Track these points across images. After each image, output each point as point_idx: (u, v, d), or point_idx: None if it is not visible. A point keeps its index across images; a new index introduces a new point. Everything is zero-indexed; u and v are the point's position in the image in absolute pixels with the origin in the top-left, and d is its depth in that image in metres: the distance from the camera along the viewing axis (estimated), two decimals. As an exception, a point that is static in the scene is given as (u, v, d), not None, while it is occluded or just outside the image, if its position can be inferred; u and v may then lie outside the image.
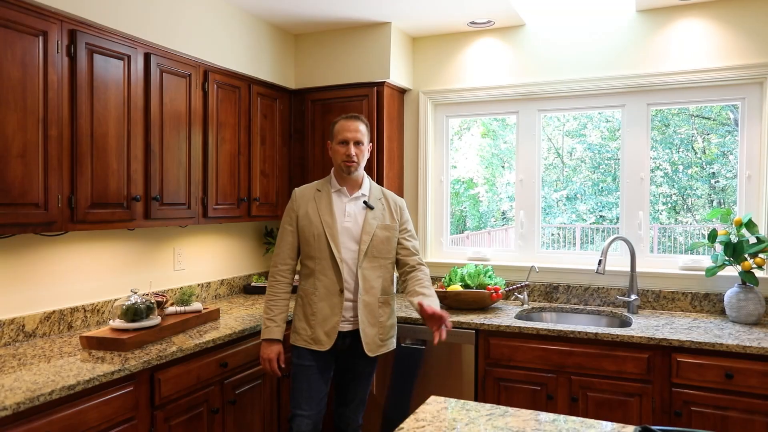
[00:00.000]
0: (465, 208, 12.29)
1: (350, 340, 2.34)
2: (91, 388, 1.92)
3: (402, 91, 3.63)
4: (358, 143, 2.33)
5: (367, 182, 2.42)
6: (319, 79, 3.53)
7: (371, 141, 3.38)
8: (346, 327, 2.32)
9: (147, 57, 2.54)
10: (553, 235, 10.37)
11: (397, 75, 3.45)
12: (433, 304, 2.21)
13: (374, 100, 3.38)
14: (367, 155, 2.39)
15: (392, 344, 2.43)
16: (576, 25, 3.27)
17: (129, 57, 2.45)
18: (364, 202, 2.35)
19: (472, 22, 3.35)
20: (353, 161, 2.32)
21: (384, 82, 3.38)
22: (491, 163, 12.08)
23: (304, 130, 3.55)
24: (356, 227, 2.32)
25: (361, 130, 2.34)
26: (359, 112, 3.40)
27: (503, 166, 11.89)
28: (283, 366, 2.36)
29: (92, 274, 2.69)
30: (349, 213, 2.34)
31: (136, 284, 2.91)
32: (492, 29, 3.45)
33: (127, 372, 2.04)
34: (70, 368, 2.00)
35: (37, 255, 2.46)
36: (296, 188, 2.43)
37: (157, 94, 2.59)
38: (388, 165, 3.46)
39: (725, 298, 2.79)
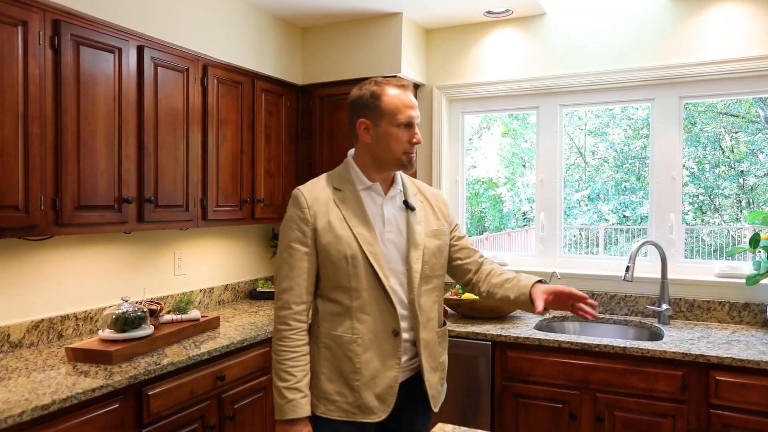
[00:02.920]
0: (485, 208, 12.04)
1: (401, 395, 1.66)
2: (69, 407, 1.76)
3: (415, 86, 3.44)
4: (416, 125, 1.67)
5: (399, 173, 1.75)
6: (328, 74, 3.35)
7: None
8: (402, 377, 1.66)
9: (140, 50, 2.39)
10: (574, 236, 10.07)
11: (409, 69, 3.26)
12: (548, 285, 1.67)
13: (385, 96, 3.19)
14: None
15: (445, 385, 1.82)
16: (601, 13, 3.04)
17: (120, 50, 2.30)
18: (405, 203, 1.69)
19: (489, 12, 3.14)
20: (415, 152, 1.67)
21: (395, 76, 3.17)
22: (512, 163, 11.82)
23: (312, 127, 3.38)
24: (401, 239, 1.65)
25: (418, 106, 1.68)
26: (369, 109, 3.21)
27: (524, 166, 11.63)
28: None
29: (85, 280, 2.55)
30: (389, 220, 1.65)
31: (134, 290, 2.77)
32: (510, 19, 3.24)
33: (110, 388, 1.88)
34: (49, 384, 1.85)
35: (24, 260, 2.32)
36: (300, 188, 1.66)
37: (151, 89, 2.44)
38: (399, 164, 3.26)
39: (768, 309, 2.55)
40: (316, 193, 1.64)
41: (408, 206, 1.68)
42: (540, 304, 1.59)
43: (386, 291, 1.60)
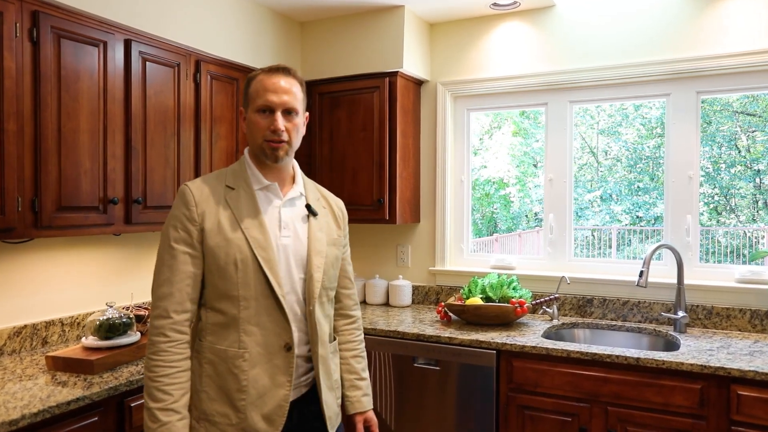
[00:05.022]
0: (496, 209, 11.87)
1: (297, 413, 1.52)
2: (41, 421, 1.66)
3: (418, 83, 3.31)
4: (289, 112, 1.50)
5: (300, 174, 1.63)
6: (328, 70, 3.23)
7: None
8: (295, 394, 1.52)
9: (127, 44, 2.28)
10: (587, 237, 9.86)
11: (412, 64, 3.13)
12: (367, 405, 1.68)
13: (386, 92, 3.07)
14: (302, 132, 1.57)
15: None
16: (613, 4, 2.89)
17: (105, 44, 2.19)
18: (308, 207, 1.58)
19: (495, 4, 3.01)
20: (282, 140, 1.49)
21: (397, 72, 3.06)
22: (523, 162, 11.63)
23: (311, 125, 3.26)
24: (300, 245, 1.53)
25: (294, 91, 1.50)
26: (370, 105, 3.09)
27: (535, 165, 11.43)
28: None
29: (73, 284, 2.45)
30: (286, 224, 1.53)
31: (126, 293, 2.66)
32: (517, 11, 3.10)
33: (88, 401, 1.78)
34: (22, 396, 1.74)
35: (5, 263, 2.22)
36: (188, 183, 1.51)
37: (139, 85, 2.33)
38: (402, 164, 3.14)
39: (792, 318, 2.39)
40: (206, 190, 1.50)
41: (311, 211, 1.58)
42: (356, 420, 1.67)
43: (279, 301, 1.46)
